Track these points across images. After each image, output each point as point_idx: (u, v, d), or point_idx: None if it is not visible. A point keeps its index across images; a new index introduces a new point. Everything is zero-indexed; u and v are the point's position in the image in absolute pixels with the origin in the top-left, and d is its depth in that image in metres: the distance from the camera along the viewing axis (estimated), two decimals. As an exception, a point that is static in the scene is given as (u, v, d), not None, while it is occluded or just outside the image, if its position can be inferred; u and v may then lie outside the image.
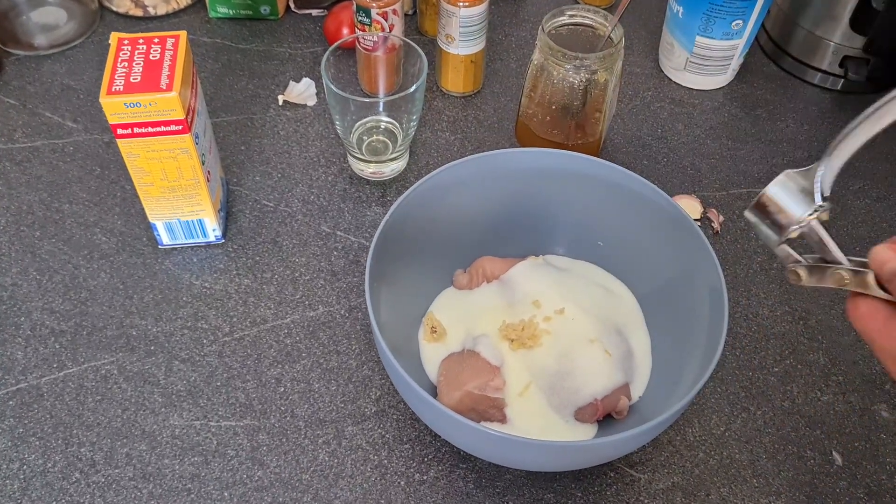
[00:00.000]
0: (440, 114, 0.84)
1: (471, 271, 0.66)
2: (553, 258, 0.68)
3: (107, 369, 0.64)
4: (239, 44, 0.90)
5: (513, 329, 0.61)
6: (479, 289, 0.65)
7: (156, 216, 0.69)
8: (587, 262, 0.68)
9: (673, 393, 0.57)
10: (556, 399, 0.59)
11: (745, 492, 0.59)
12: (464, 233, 0.67)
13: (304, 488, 0.59)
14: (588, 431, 0.59)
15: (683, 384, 0.56)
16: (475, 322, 0.63)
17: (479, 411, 0.59)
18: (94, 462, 0.60)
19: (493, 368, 0.59)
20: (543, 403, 0.59)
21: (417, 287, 0.65)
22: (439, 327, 0.63)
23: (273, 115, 0.83)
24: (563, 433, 0.58)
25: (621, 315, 0.64)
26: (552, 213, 0.67)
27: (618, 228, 0.65)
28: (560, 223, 0.67)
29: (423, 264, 0.65)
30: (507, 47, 0.91)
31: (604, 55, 0.69)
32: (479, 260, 0.66)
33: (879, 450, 0.62)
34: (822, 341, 0.67)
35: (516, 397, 0.59)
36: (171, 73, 0.61)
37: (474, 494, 0.59)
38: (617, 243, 0.66)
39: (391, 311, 0.59)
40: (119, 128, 0.62)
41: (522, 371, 0.60)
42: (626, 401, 0.59)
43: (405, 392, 0.55)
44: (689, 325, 0.59)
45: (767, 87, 0.88)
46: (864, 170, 0.80)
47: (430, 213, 0.63)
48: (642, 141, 0.82)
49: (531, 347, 0.60)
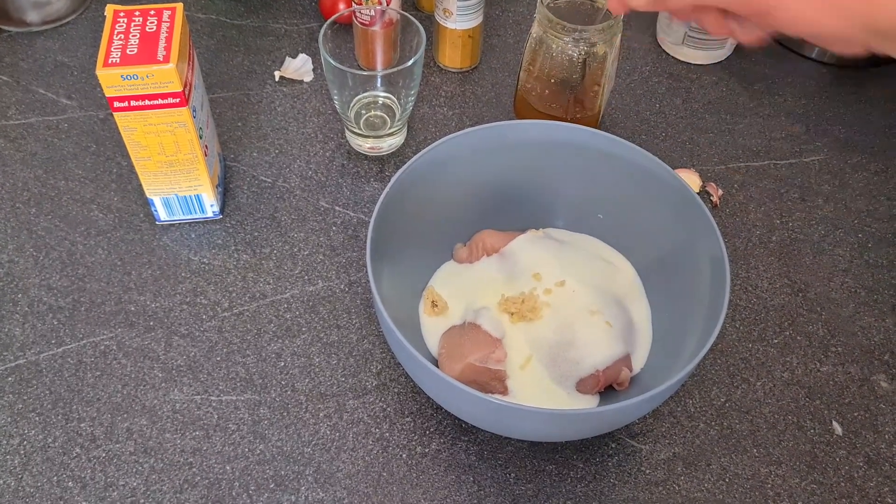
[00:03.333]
0: (438, 89, 0.83)
1: (471, 245, 0.66)
2: (553, 231, 0.68)
3: (106, 345, 0.64)
4: (234, 20, 0.89)
5: (513, 302, 0.61)
6: (478, 262, 0.65)
7: (153, 191, 0.69)
8: (587, 235, 0.68)
9: (674, 364, 0.57)
10: (557, 371, 0.59)
11: (745, 462, 0.60)
12: (463, 206, 0.66)
13: (305, 461, 0.59)
14: (590, 402, 0.59)
15: (685, 355, 0.56)
16: (475, 295, 0.63)
17: (480, 383, 0.58)
18: (95, 437, 0.60)
19: (494, 341, 0.59)
20: (545, 375, 0.59)
21: (418, 260, 0.65)
22: (440, 301, 0.63)
23: (270, 91, 0.82)
24: (564, 404, 0.58)
25: (621, 287, 0.64)
26: (552, 186, 0.67)
27: (619, 200, 0.65)
28: (560, 196, 0.67)
29: (423, 238, 0.64)
30: (505, 22, 0.90)
31: (603, 27, 0.69)
32: (479, 233, 0.66)
33: (878, 419, 0.62)
34: (820, 313, 0.68)
35: (518, 370, 0.59)
36: (167, 45, 0.61)
37: (476, 466, 0.59)
38: (618, 215, 0.66)
39: (392, 285, 0.59)
40: (116, 101, 0.61)
41: (523, 343, 0.60)
42: (628, 372, 0.60)
43: (407, 363, 0.54)
44: (690, 296, 0.59)
45: (765, 62, 0.88)
46: (861, 144, 0.80)
47: (429, 186, 0.63)
48: (641, 115, 0.82)
49: (531, 320, 0.60)
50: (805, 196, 0.76)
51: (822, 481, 0.59)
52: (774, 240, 0.72)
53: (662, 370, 0.59)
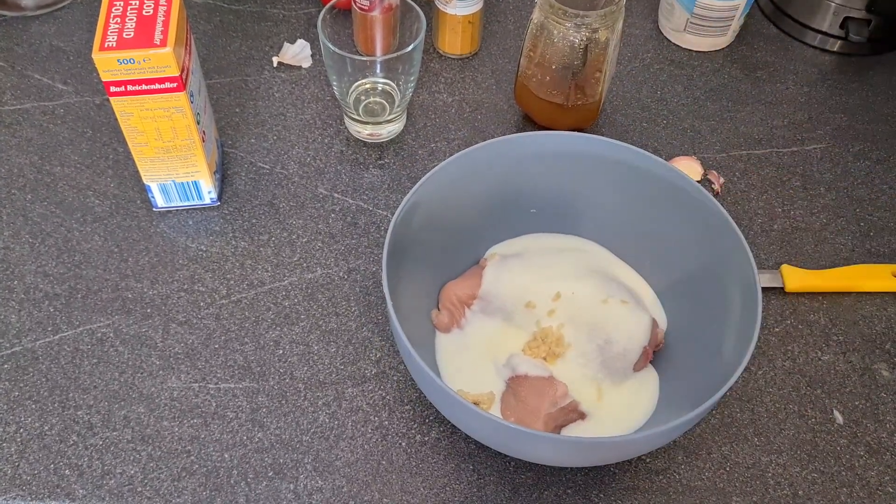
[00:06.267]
0: (437, 76, 0.83)
1: (445, 306, 0.63)
2: (500, 246, 0.67)
3: (103, 332, 0.64)
4: (232, 4, 0.88)
5: (536, 348, 0.60)
6: (467, 323, 0.62)
7: (150, 178, 0.68)
8: (531, 234, 0.67)
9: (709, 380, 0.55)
10: (613, 370, 0.59)
11: (746, 450, 0.59)
12: (477, 216, 0.65)
13: (304, 449, 0.58)
14: (649, 374, 0.61)
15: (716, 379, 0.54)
16: (494, 356, 0.61)
17: (561, 425, 0.58)
18: (92, 425, 0.59)
19: (548, 381, 0.58)
20: (605, 382, 0.59)
21: (431, 269, 0.63)
22: (480, 398, 0.59)
23: (268, 76, 0.81)
24: (635, 392, 0.59)
25: (601, 263, 0.64)
26: (569, 194, 0.66)
27: (643, 214, 0.64)
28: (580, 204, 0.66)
29: (437, 248, 0.63)
30: (505, 8, 0.89)
31: (605, 13, 0.68)
32: (444, 291, 0.63)
33: (879, 408, 0.62)
34: (822, 301, 0.67)
35: (582, 393, 0.58)
36: (164, 29, 0.60)
37: (476, 454, 0.59)
38: (638, 227, 0.65)
39: (405, 297, 0.58)
40: (112, 85, 0.60)
41: (574, 369, 0.59)
42: (661, 331, 0.61)
43: (423, 382, 0.54)
44: (715, 317, 0.58)
45: (767, 49, 0.87)
46: (863, 132, 0.79)
47: (445, 198, 0.61)
48: (642, 103, 0.81)
49: (564, 352, 0.60)
50: (807, 184, 0.75)
51: (823, 470, 0.59)
52: (776, 228, 0.72)
53: (684, 327, 0.61)
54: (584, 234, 0.67)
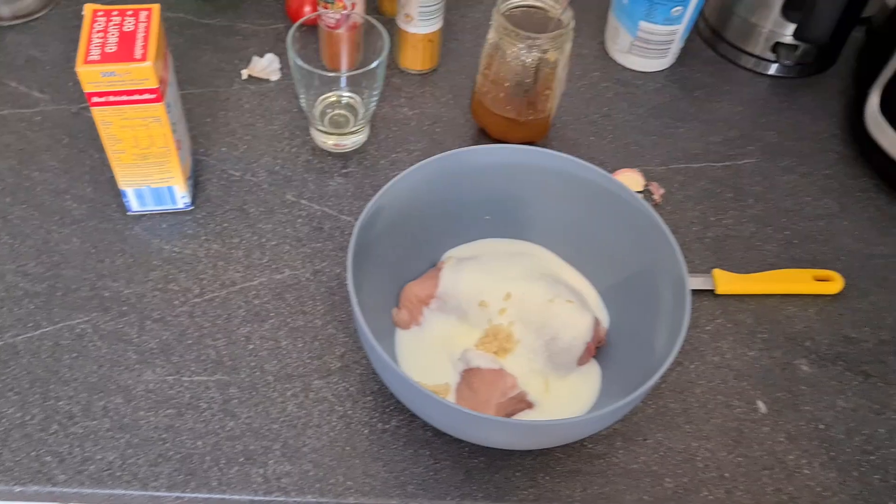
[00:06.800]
0: (399, 90, 0.88)
1: (405, 305, 0.67)
2: (457, 250, 0.72)
3: (82, 328, 0.67)
4: (202, 19, 0.92)
5: (488, 343, 0.65)
6: (425, 320, 0.67)
7: (126, 183, 0.72)
8: (485, 239, 0.72)
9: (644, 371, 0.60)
10: (558, 363, 0.64)
11: (678, 436, 0.65)
12: (434, 223, 0.70)
13: (273, 437, 0.63)
14: (592, 368, 0.66)
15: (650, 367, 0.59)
16: (450, 351, 0.66)
17: (510, 413, 0.63)
18: (72, 414, 0.63)
19: (498, 373, 0.63)
20: (552, 375, 0.64)
21: (393, 269, 0.68)
22: (440, 388, 0.64)
23: (237, 88, 0.86)
24: (578, 384, 0.65)
25: (549, 266, 0.70)
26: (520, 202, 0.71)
27: (580, 217, 0.70)
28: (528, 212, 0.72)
29: (398, 251, 0.67)
30: (463, 27, 0.95)
31: (554, 36, 0.74)
32: (405, 290, 0.68)
33: (798, 399, 0.68)
34: (749, 302, 0.74)
35: (529, 384, 0.64)
36: (145, 43, 0.64)
37: (432, 441, 0.64)
38: (580, 231, 0.70)
39: (367, 297, 0.62)
40: (94, 96, 0.64)
41: (522, 362, 0.64)
42: (603, 328, 0.67)
43: (385, 373, 0.58)
44: (650, 312, 0.64)
45: (705, 71, 0.94)
46: (791, 148, 0.86)
47: (403, 207, 0.66)
48: (589, 118, 0.87)
49: (514, 348, 0.65)
50: (738, 196, 0.82)
51: (747, 454, 0.65)
52: (710, 235, 0.78)
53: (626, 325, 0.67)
54: (533, 240, 0.73)
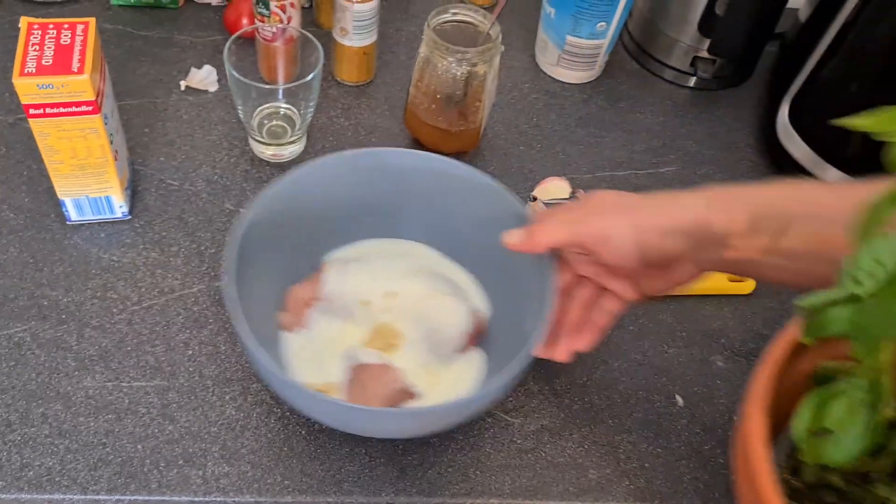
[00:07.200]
0: (335, 101, 0.90)
1: (290, 308, 0.69)
2: (340, 252, 0.73)
3: (20, 336, 0.68)
4: (140, 31, 0.93)
5: (374, 341, 0.67)
6: (311, 322, 0.68)
7: (65, 193, 0.73)
8: (367, 240, 0.74)
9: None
10: (440, 354, 0.67)
11: (602, 430, 0.69)
12: (323, 222, 0.71)
13: (212, 439, 0.65)
14: (475, 355, 0.69)
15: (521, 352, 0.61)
16: (337, 350, 0.67)
17: (397, 404, 0.65)
18: (10, 422, 0.64)
19: (383, 367, 0.65)
20: (436, 365, 0.67)
21: (278, 272, 0.69)
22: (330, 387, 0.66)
23: (176, 99, 0.87)
24: (462, 372, 0.67)
25: (429, 263, 0.73)
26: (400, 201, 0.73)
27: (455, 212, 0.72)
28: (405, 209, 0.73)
29: (284, 252, 0.68)
30: (398, 41, 0.98)
31: (483, 49, 0.77)
32: (290, 293, 0.69)
33: (714, 393, 0.72)
34: (670, 303, 0.78)
35: (414, 375, 0.66)
36: (81, 57, 0.66)
37: (368, 440, 0.66)
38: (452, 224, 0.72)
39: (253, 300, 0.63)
40: (31, 108, 0.65)
41: (406, 357, 0.67)
42: (482, 317, 0.70)
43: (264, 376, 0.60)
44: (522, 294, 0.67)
45: (629, 82, 0.98)
46: (709, 157, 0.91)
47: (290, 207, 0.67)
48: (519, 129, 0.91)
49: (399, 343, 0.67)
50: (660, 202, 0.86)
51: (665, 446, 0.69)
52: (633, 240, 0.82)
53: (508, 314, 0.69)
54: (414, 238, 0.74)
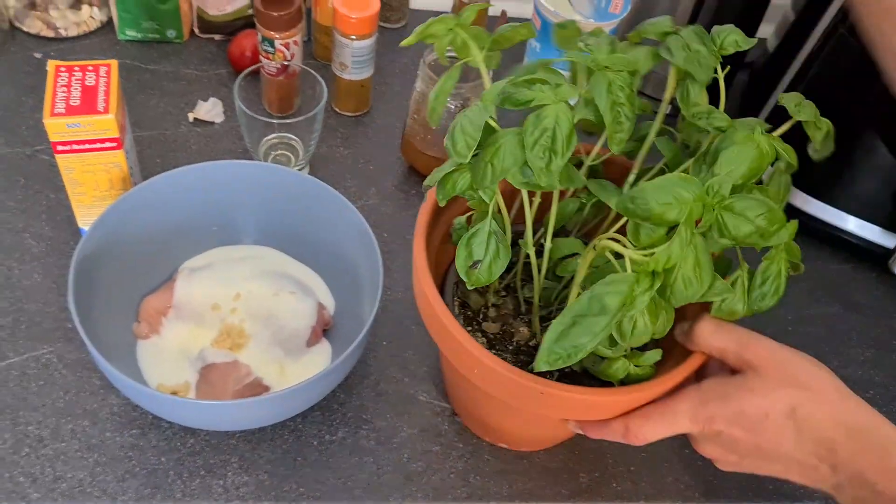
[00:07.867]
0: (334, 131, 0.96)
1: (143, 318, 0.73)
2: (191, 261, 0.78)
3: (47, 358, 0.73)
4: (148, 65, 0.98)
5: (223, 342, 0.72)
6: (163, 329, 0.73)
7: (85, 222, 0.78)
8: (217, 248, 0.79)
9: None
10: (289, 348, 0.72)
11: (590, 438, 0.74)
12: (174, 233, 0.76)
13: (231, 451, 0.70)
14: (323, 347, 0.74)
15: None
16: (188, 353, 0.71)
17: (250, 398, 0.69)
18: (42, 438, 0.68)
19: (232, 365, 0.70)
20: (285, 359, 0.72)
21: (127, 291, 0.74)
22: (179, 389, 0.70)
23: (184, 131, 0.92)
24: (310, 364, 0.72)
25: (275, 265, 0.78)
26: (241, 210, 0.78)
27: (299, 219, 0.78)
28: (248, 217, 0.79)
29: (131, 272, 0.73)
30: (392, 72, 1.04)
31: (475, 85, 0.83)
32: (143, 304, 0.74)
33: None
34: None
35: (265, 370, 0.71)
36: (106, 97, 0.71)
37: (375, 450, 0.71)
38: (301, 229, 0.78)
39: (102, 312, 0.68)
40: (59, 145, 0.70)
41: (255, 353, 0.71)
42: (328, 311, 0.76)
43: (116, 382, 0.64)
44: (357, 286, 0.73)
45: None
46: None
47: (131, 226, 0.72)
48: (508, 155, 0.97)
49: (246, 341, 0.72)
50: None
51: (650, 449, 0.74)
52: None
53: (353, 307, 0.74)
54: (261, 243, 0.80)
